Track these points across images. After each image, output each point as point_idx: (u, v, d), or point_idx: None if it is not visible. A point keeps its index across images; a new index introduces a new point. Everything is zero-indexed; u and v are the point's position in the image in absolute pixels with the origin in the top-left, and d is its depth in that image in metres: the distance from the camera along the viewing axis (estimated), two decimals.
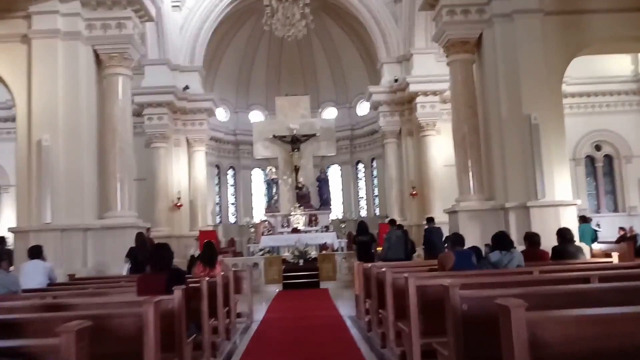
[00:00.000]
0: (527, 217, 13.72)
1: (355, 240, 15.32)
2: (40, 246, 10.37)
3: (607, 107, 25.00)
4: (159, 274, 6.56)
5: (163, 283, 6.40)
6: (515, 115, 14.17)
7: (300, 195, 26.59)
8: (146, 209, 21.99)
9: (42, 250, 10.26)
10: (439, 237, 15.94)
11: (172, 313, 6.14)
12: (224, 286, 9.69)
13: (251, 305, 12.54)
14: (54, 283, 10.01)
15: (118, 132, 14.29)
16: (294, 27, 19.45)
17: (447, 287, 5.10)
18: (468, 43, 15.03)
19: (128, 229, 13.79)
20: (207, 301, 7.99)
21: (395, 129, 24.26)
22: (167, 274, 6.53)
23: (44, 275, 9.80)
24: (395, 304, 7.76)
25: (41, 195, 13.32)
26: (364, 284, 10.71)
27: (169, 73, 23.12)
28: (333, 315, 12.63)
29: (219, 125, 28.88)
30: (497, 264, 8.11)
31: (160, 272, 6.59)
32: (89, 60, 14.44)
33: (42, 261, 10.06)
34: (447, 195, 21.12)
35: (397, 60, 24.06)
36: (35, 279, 9.51)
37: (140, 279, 6.76)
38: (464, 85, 14.97)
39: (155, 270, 6.67)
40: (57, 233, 13.27)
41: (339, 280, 18.91)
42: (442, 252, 9.31)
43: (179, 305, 6.17)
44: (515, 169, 14.11)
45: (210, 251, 10.52)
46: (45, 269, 9.91)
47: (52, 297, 7.33)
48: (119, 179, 14.20)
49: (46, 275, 9.85)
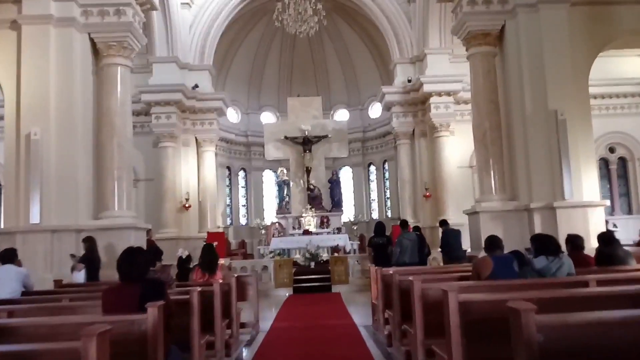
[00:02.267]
0: (553, 218, 12.26)
1: (370, 242, 13.63)
2: (14, 249, 8.84)
3: (622, 109, 23.37)
4: (130, 286, 4.93)
5: (136, 297, 4.79)
6: (540, 110, 12.75)
7: (311, 197, 25.03)
8: (153, 210, 20.86)
9: (15, 254, 8.70)
10: (457, 240, 14.25)
11: (144, 336, 4.54)
12: (224, 295, 8.09)
13: (257, 314, 10.85)
14: (30, 291, 8.41)
15: (116, 127, 12.75)
16: (305, 23, 18.16)
17: (519, 311, 3.43)
18: (489, 35, 13.56)
19: (126, 230, 12.26)
20: (200, 315, 6.35)
21: (408, 130, 22.69)
22: (140, 286, 4.91)
23: (17, 282, 8.22)
24: (425, 320, 6.12)
25: (29, 193, 11.79)
26: (383, 292, 9.02)
27: (178, 71, 21.60)
28: (347, 324, 10.96)
29: (230, 127, 27.39)
30: (543, 271, 6.47)
31: (132, 283, 4.96)
32: (85, 49, 12.93)
33: (15, 266, 8.47)
34: (461, 197, 20.03)
35: (410, 60, 22.54)
36: (5, 287, 7.92)
37: (107, 292, 5.11)
38: (485, 79, 13.44)
39: (126, 281, 5.02)
40: (47, 235, 11.74)
41: (351, 283, 17.37)
42: (480, 257, 7.50)
43: (154, 326, 4.57)
44: (540, 168, 12.66)
45: (210, 255, 8.95)
46: (19, 275, 8.33)
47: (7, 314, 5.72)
48: (117, 176, 12.61)
49: (20, 282, 8.27)
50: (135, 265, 4.99)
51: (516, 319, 3.41)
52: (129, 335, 4.56)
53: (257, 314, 10.82)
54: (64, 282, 9.89)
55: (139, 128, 21.52)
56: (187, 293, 6.29)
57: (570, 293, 5.11)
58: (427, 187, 21.58)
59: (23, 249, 11.24)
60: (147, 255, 5.21)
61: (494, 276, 6.48)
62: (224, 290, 8.21)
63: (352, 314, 12.22)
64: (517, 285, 5.93)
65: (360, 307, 13.17)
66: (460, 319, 4.79)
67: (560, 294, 5.03)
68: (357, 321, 11.08)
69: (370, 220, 27.20)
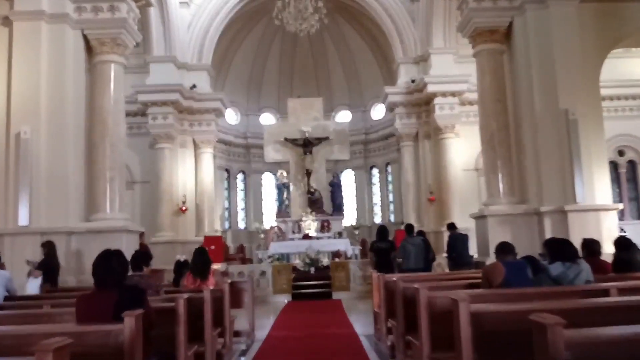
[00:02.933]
0: (564, 222, 11.84)
1: (372, 247, 13.17)
2: None
3: (631, 111, 22.81)
4: (106, 293, 4.49)
5: (111, 305, 4.35)
6: (550, 110, 12.34)
7: (312, 200, 24.60)
8: (149, 213, 20.40)
9: None
10: (465, 245, 13.80)
11: (120, 349, 4.11)
12: (216, 302, 7.65)
13: (252, 322, 10.37)
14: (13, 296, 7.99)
15: (109, 126, 12.39)
16: (306, 21, 17.69)
17: (546, 325, 3.00)
18: (497, 32, 13.22)
19: (118, 233, 11.88)
20: (187, 325, 5.91)
21: (412, 131, 22.21)
22: (117, 294, 4.47)
23: (0, 287, 7.79)
24: (432, 331, 5.68)
25: (18, 194, 11.39)
26: (386, 300, 8.54)
27: (176, 71, 21.19)
28: (348, 333, 10.47)
29: (229, 128, 26.91)
30: (560, 278, 6.01)
31: (108, 290, 4.52)
32: (78, 46, 12.59)
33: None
34: (467, 201, 19.57)
35: (414, 60, 22.09)
36: None
37: (80, 299, 4.67)
38: (492, 77, 13.08)
39: (101, 287, 4.58)
40: (36, 237, 11.29)
41: (352, 290, 16.89)
42: (491, 263, 7.03)
43: (131, 337, 4.13)
44: (550, 170, 12.26)
45: (202, 260, 8.50)
46: (1, 279, 7.90)
47: None
48: (109, 177, 12.25)
49: (2, 286, 7.83)
50: (112, 270, 4.56)
51: (541, 334, 2.99)
52: (104, 348, 4.14)
53: (252, 322, 10.34)
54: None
55: (136, 129, 21.18)
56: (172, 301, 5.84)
57: (593, 303, 4.65)
58: (432, 191, 21.11)
59: (11, 251, 11.02)
60: (124, 259, 4.76)
61: (507, 283, 6.05)
62: (216, 296, 7.76)
63: (354, 323, 11.76)
64: (532, 294, 5.50)
65: (362, 315, 12.72)
66: (472, 332, 4.35)
67: (582, 304, 4.57)
68: (359, 330, 10.61)
69: (373, 225, 26.64)
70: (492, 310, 4.41)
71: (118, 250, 4.82)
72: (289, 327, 11.85)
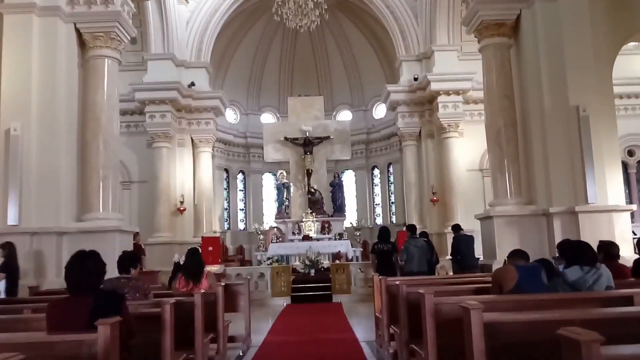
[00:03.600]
0: (575, 224, 11.31)
1: (374, 249, 12.73)
2: None
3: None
4: (80, 299, 4.07)
5: (85, 313, 3.93)
6: (560, 106, 11.83)
7: (312, 201, 24.14)
8: (147, 214, 20.02)
9: None
10: (470, 247, 13.37)
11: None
12: (208, 305, 7.24)
13: (248, 327, 9.92)
14: None
15: (101, 123, 11.96)
16: (306, 17, 17.36)
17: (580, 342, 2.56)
18: (504, 25, 12.74)
19: (110, 233, 11.42)
20: (173, 331, 5.49)
21: (414, 130, 21.80)
22: (92, 299, 4.05)
23: None
24: (439, 340, 5.25)
25: (7, 192, 10.98)
26: (388, 305, 8.08)
27: (174, 69, 20.82)
28: (348, 339, 10.02)
29: (229, 128, 26.49)
30: (577, 284, 5.57)
31: (82, 295, 4.09)
32: (70, 40, 12.15)
33: None
34: (471, 202, 19.16)
35: (416, 58, 21.67)
36: None
37: (52, 306, 4.23)
38: (499, 72, 12.64)
39: (74, 292, 4.15)
40: (26, 237, 10.91)
41: (353, 293, 16.44)
42: (502, 266, 6.55)
43: (105, 347, 3.71)
44: (560, 169, 11.75)
45: (195, 261, 8.04)
46: None
47: None
48: (102, 176, 11.81)
49: None
50: (86, 273, 4.13)
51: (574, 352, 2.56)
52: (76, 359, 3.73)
53: (248, 326, 9.89)
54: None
55: (133, 128, 20.93)
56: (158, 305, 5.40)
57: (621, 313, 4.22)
58: (435, 191, 20.66)
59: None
60: (100, 261, 4.33)
61: (519, 289, 5.60)
62: (209, 300, 7.35)
63: (354, 327, 11.33)
64: (549, 301, 5.07)
65: (363, 320, 12.28)
66: (485, 344, 3.92)
67: (609, 314, 4.14)
68: (360, 336, 10.16)
69: (374, 226, 26.19)
70: (509, 320, 3.97)
71: (93, 251, 4.39)
72: (287, 331, 11.42)
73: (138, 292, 6.35)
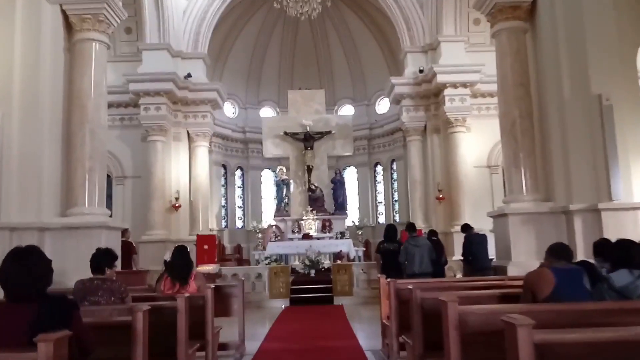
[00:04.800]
0: (598, 222, 10.30)
1: (379, 248, 11.87)
2: None
3: None
4: (20, 308, 3.22)
5: (25, 325, 3.09)
6: (580, 95, 10.81)
7: (313, 198, 23.29)
8: (140, 210, 19.30)
9: None
10: (483, 247, 12.50)
11: None
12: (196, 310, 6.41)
13: (242, 332, 9.04)
14: None
15: (88, 111, 11.09)
16: (307, 4, 16.58)
17: None
18: (519, 8, 11.84)
19: (96, 229, 10.60)
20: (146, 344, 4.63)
21: (419, 125, 21.00)
22: (36, 308, 3.20)
23: None
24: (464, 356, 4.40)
25: None
26: (398, 311, 7.22)
27: (170, 60, 20.05)
28: (351, 347, 9.16)
29: (227, 122, 25.75)
30: (627, 290, 4.73)
31: (23, 303, 3.24)
32: (56, 23, 11.24)
33: None
34: (478, 200, 18.50)
35: (422, 49, 20.91)
36: None
37: None
38: (514, 59, 11.75)
39: (14, 300, 3.30)
40: (5, 233, 9.98)
41: (356, 295, 15.62)
42: (536, 269, 5.66)
43: None
44: (580, 163, 10.75)
45: (182, 261, 7.19)
46: None
47: None
48: (88, 167, 10.96)
49: None
50: (27, 276, 3.28)
51: None
52: None
53: (242, 332, 9.01)
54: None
55: (127, 120, 20.23)
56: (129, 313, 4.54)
57: None
58: (440, 189, 19.89)
59: None
60: (45, 261, 3.47)
61: (557, 296, 4.75)
62: (197, 304, 6.51)
63: (357, 333, 10.47)
64: (597, 312, 4.21)
65: (366, 324, 11.48)
66: None
67: None
68: (364, 343, 9.31)
69: (377, 225, 25.56)
70: (569, 340, 3.13)
71: (34, 246, 3.54)
72: (285, 337, 10.54)
73: (114, 296, 5.55)
